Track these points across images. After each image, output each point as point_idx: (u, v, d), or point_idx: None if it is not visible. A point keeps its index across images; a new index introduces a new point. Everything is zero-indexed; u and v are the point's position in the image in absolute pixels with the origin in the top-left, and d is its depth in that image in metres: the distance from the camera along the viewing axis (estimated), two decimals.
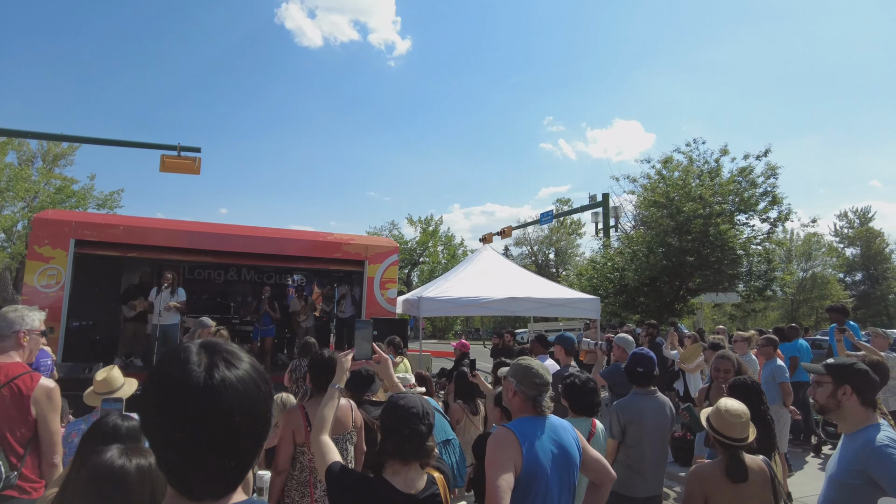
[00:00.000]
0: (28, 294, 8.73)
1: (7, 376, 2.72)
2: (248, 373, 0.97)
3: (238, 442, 0.93)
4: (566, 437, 2.67)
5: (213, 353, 0.96)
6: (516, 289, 10.28)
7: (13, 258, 31.40)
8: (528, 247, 46.05)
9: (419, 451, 2.17)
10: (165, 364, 0.96)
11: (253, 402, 0.94)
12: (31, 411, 2.72)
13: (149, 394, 0.94)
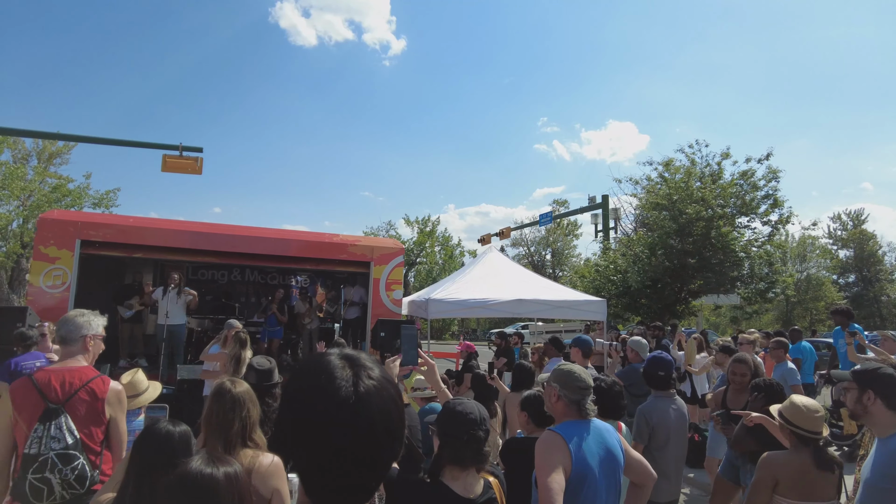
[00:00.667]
0: (34, 294, 8.66)
1: (82, 380, 2.79)
2: (387, 387, 0.96)
3: (380, 455, 0.93)
4: (611, 439, 2.74)
5: (355, 365, 0.95)
6: (523, 291, 10.31)
7: (8, 257, 31.12)
8: (525, 248, 46.17)
9: (477, 457, 2.19)
10: (310, 376, 0.94)
11: (392, 416, 0.94)
12: (105, 413, 2.81)
13: (294, 407, 0.93)
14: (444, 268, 36.70)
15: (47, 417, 2.65)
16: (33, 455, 2.60)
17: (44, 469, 2.58)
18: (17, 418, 2.66)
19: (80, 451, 2.68)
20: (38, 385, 2.70)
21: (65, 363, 2.88)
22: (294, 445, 0.92)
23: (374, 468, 0.93)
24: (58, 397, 2.70)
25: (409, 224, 40.10)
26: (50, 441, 2.62)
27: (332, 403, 0.89)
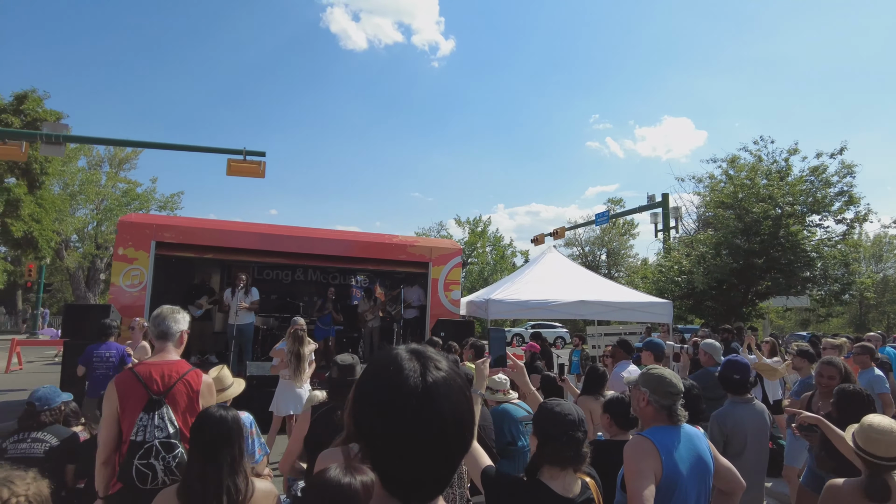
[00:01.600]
0: (114, 293, 9.16)
1: (179, 373, 2.93)
2: (455, 379, 0.98)
3: (450, 447, 0.94)
4: (701, 445, 2.68)
5: (422, 357, 0.98)
6: (585, 292, 10.14)
7: (84, 258, 32.97)
8: (579, 248, 45.26)
9: (576, 458, 2.20)
10: (379, 370, 0.98)
11: (462, 408, 0.96)
12: (199, 404, 2.94)
13: (366, 400, 0.97)
14: (495, 268, 36.47)
15: (151, 408, 2.81)
16: (139, 442, 2.76)
17: (149, 455, 2.73)
18: (122, 408, 2.83)
19: (179, 441, 2.83)
20: (140, 378, 2.86)
21: (161, 357, 3.02)
22: (366, 437, 0.96)
23: (445, 458, 0.95)
24: (159, 389, 2.86)
25: (460, 224, 40.13)
26: (154, 430, 2.78)
27: (400, 394, 0.92)
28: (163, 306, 3.18)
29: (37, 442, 3.39)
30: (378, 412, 0.93)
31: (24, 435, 3.41)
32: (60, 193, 27.99)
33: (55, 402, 3.54)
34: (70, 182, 30.07)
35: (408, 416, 0.91)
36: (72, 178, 30.20)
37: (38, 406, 3.47)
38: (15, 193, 21.58)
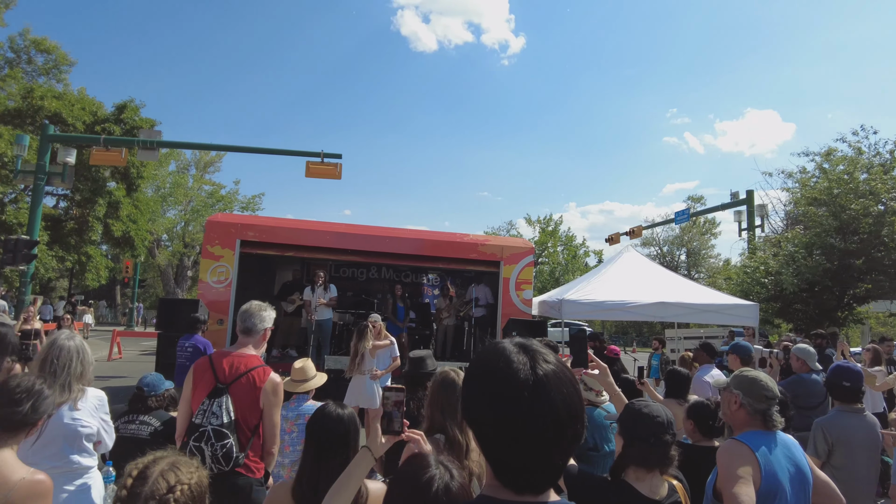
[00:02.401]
0: (202, 289, 9.70)
1: (247, 367, 3.01)
2: (564, 371, 0.99)
3: (563, 438, 0.95)
4: (798, 454, 2.52)
5: (530, 350, 1.00)
6: (665, 293, 9.75)
7: (174, 255, 35.20)
8: (657, 247, 43.66)
9: (663, 460, 2.11)
10: (489, 363, 1.01)
11: (573, 399, 0.97)
12: (260, 401, 3.00)
13: (478, 391, 1.00)
14: (567, 268, 35.80)
15: (214, 395, 2.93)
16: (196, 424, 2.89)
17: (201, 439, 2.84)
18: (194, 390, 3.00)
19: (231, 432, 2.89)
20: (213, 364, 3.01)
21: (238, 349, 3.14)
22: (479, 429, 0.99)
23: (558, 449, 0.96)
24: (225, 378, 2.97)
25: (530, 224, 39.65)
26: (210, 416, 2.88)
27: (511, 387, 0.95)
28: (251, 302, 3.28)
29: (143, 424, 3.64)
30: (491, 405, 0.96)
31: (133, 416, 3.68)
32: (153, 196, 30.04)
33: (160, 388, 3.79)
34: (162, 185, 32.21)
35: (521, 408, 0.93)
36: (163, 182, 32.35)
37: (147, 391, 3.73)
38: (115, 196, 23.30)
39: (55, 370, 2.68)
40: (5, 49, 25.33)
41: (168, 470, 1.39)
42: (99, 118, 22.96)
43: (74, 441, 2.69)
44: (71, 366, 2.72)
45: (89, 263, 24.35)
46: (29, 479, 1.87)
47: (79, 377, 2.76)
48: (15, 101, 22.55)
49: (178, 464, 1.42)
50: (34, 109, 21.47)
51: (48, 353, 2.76)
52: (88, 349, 2.90)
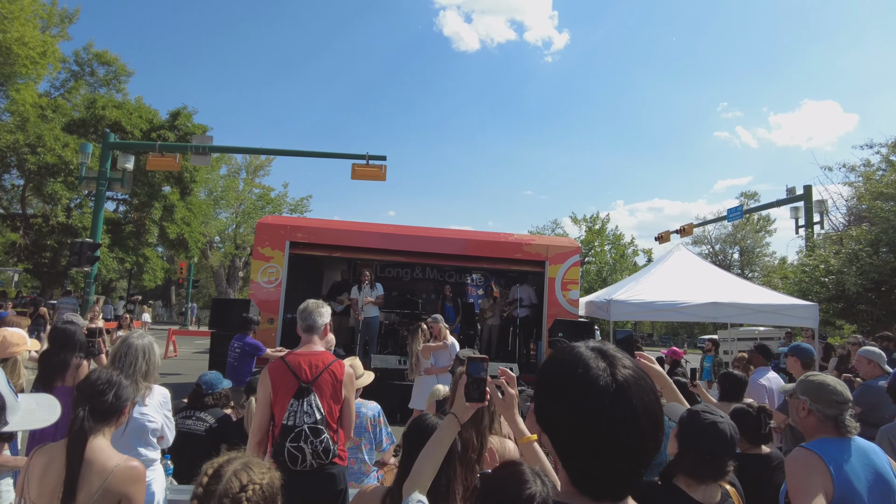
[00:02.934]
0: (253, 289, 9.97)
1: (325, 363, 3.12)
2: (643, 377, 0.97)
3: (644, 444, 0.93)
4: (879, 462, 2.36)
5: (607, 356, 0.98)
6: (718, 293, 9.42)
7: (226, 256, 36.33)
8: (709, 245, 42.30)
9: (718, 474, 2.04)
10: (566, 369, 0.98)
11: (654, 406, 0.95)
12: (341, 394, 3.13)
13: (555, 399, 0.98)
14: (614, 268, 35.09)
15: (300, 395, 3.02)
16: (290, 426, 2.97)
17: (298, 439, 2.94)
18: (274, 394, 3.06)
19: (325, 427, 3.01)
20: (290, 366, 3.08)
21: (308, 348, 3.22)
22: (556, 436, 0.98)
23: (639, 456, 0.94)
24: (307, 377, 3.06)
25: (576, 222, 39.03)
26: (303, 415, 2.98)
27: (591, 393, 0.93)
28: (308, 301, 3.36)
29: (200, 420, 3.76)
30: (569, 413, 0.95)
31: (191, 413, 3.81)
32: (206, 199, 31.05)
33: (218, 387, 3.92)
34: (214, 188, 33.30)
35: (602, 415, 0.91)
36: (215, 185, 33.45)
37: (205, 389, 3.86)
38: (170, 200, 24.22)
39: (123, 366, 2.84)
40: (71, 62, 26.75)
41: (241, 469, 1.43)
42: (155, 125, 23.93)
43: (142, 435, 2.84)
44: (137, 363, 2.88)
45: (146, 265, 25.39)
46: (124, 466, 1.99)
47: (144, 374, 2.91)
48: (80, 111, 23.73)
49: (251, 464, 1.46)
50: (96, 119, 22.54)
51: (118, 351, 2.93)
52: (156, 348, 3.05)
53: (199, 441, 3.69)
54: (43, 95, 24.91)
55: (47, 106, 23.42)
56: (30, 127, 21.00)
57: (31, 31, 22.39)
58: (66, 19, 25.59)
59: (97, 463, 1.96)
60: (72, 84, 26.78)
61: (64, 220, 21.78)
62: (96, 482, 1.92)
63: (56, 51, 24.67)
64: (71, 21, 25.79)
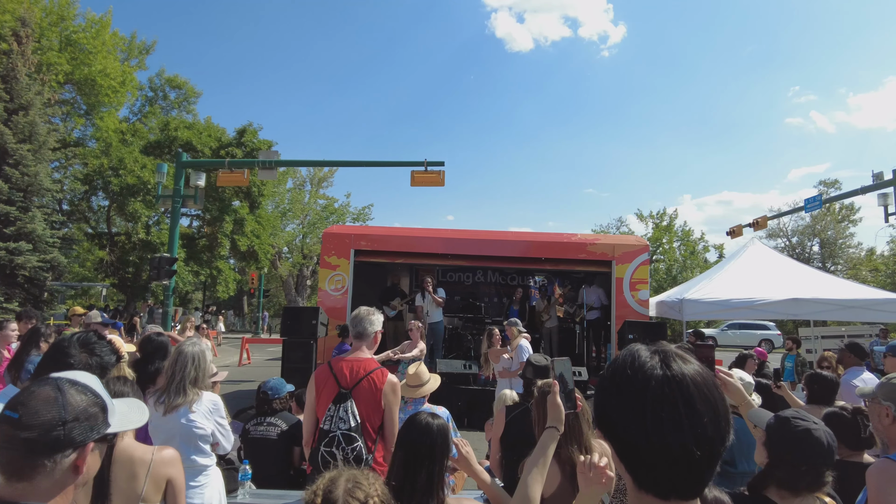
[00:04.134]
0: (321, 297, 10.25)
1: (366, 370, 3.11)
2: (702, 371, 0.93)
3: (708, 441, 0.89)
4: None
5: (662, 352, 0.96)
6: (798, 288, 8.88)
7: (294, 266, 37.51)
8: (785, 238, 39.94)
9: (813, 485, 1.90)
10: (621, 368, 0.97)
11: (717, 402, 0.91)
12: (381, 403, 3.08)
13: (613, 398, 0.96)
14: (685, 265, 33.73)
15: (339, 400, 3.04)
16: (326, 430, 2.99)
17: (332, 444, 2.95)
18: (317, 398, 3.12)
19: (359, 435, 2.98)
20: (333, 371, 3.12)
21: (355, 354, 3.24)
22: (615, 437, 0.95)
23: (704, 454, 0.89)
24: (347, 383, 3.07)
25: (642, 219, 37.76)
26: (338, 421, 2.99)
27: (647, 390, 0.90)
28: (360, 308, 3.38)
29: (271, 426, 3.86)
30: (626, 411, 0.93)
31: (262, 419, 3.92)
32: (273, 212, 32.21)
33: (283, 391, 4.02)
34: (280, 201, 34.50)
35: (662, 414, 0.89)
36: (282, 198, 34.64)
37: (271, 395, 3.96)
38: (240, 214, 25.28)
39: (173, 373, 2.93)
40: (146, 89, 28.57)
41: (353, 487, 1.41)
42: (223, 143, 25.07)
43: (190, 441, 2.87)
44: (185, 370, 2.93)
45: (220, 276, 26.58)
46: (160, 452, 2.21)
47: (193, 381, 2.95)
48: (155, 134, 25.22)
49: (356, 477, 1.44)
50: (170, 140, 23.87)
51: (171, 357, 3.03)
52: (207, 356, 3.08)
53: (273, 446, 3.79)
54: (123, 121, 26.69)
55: (127, 131, 25.06)
56: (112, 151, 22.53)
57: (113, 63, 24.13)
58: (144, 51, 27.37)
59: (136, 456, 2.16)
60: (147, 109, 28.56)
61: (144, 236, 23.17)
62: (141, 472, 2.13)
63: (134, 79, 26.49)
64: (148, 52, 27.60)
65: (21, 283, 15.50)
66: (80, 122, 25.36)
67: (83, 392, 1.26)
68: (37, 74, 18.13)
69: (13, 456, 1.16)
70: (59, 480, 1.19)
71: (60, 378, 1.27)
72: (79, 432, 1.20)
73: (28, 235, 15.51)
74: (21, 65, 16.57)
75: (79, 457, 1.21)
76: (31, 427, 1.15)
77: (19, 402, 1.19)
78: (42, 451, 1.16)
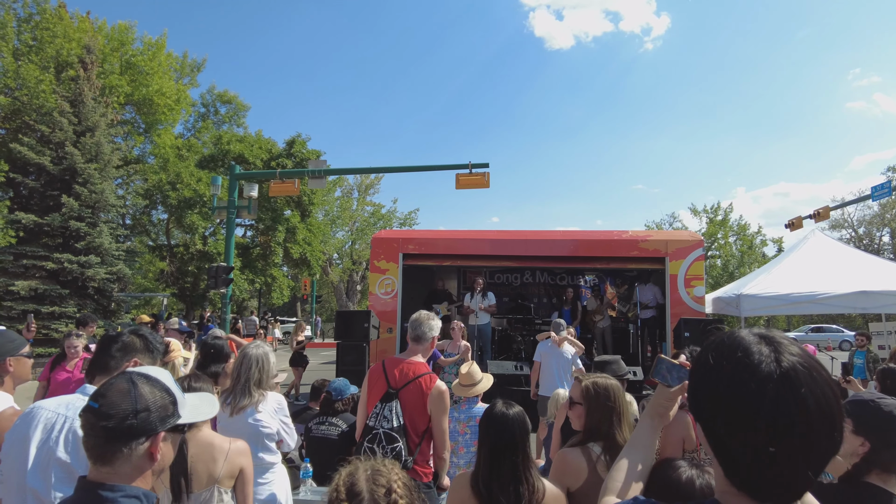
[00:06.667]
0: (372, 301, 10.42)
1: (415, 373, 3.17)
2: (816, 367, 0.87)
3: (814, 441, 0.83)
4: None
5: (772, 342, 0.90)
6: (867, 280, 8.43)
7: (344, 272, 38.25)
8: (850, 230, 37.99)
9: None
10: (725, 354, 0.92)
11: (829, 400, 0.84)
12: (427, 407, 3.11)
13: (712, 387, 0.92)
14: (742, 260, 32.53)
15: (386, 399, 3.10)
16: (370, 427, 3.08)
17: (374, 441, 3.01)
18: (369, 395, 3.21)
19: (401, 435, 3.01)
20: (385, 371, 3.20)
21: (409, 357, 3.29)
22: (711, 426, 0.91)
23: (809, 454, 0.84)
24: (396, 383, 3.13)
25: (696, 214, 36.66)
26: (382, 420, 3.05)
27: (752, 379, 0.85)
28: (420, 312, 3.44)
29: (332, 426, 3.98)
30: (727, 399, 0.88)
31: (324, 419, 4.04)
32: (324, 219, 32.94)
33: (346, 393, 4.13)
34: (330, 209, 35.28)
35: (765, 404, 0.84)
36: (331, 207, 35.41)
37: (335, 395, 4.08)
38: (292, 223, 25.97)
39: (238, 375, 3.09)
40: (198, 105, 29.79)
41: (374, 475, 1.42)
42: (273, 154, 25.82)
43: (257, 439, 2.99)
44: (250, 371, 3.07)
45: (274, 284, 27.35)
46: (235, 443, 2.50)
47: (258, 382, 3.09)
48: (209, 148, 26.24)
49: (375, 466, 1.46)
50: (223, 153, 24.77)
51: (237, 360, 3.19)
52: (271, 358, 3.22)
53: (333, 445, 3.89)
54: (178, 137, 27.92)
55: (182, 146, 26.19)
56: (170, 167, 23.59)
57: (168, 83, 25.29)
58: (196, 69, 28.56)
59: (216, 444, 2.44)
60: (200, 124, 29.77)
61: (201, 247, 24.12)
62: (220, 458, 2.40)
63: (187, 97, 27.67)
64: (199, 70, 28.77)
65: (91, 294, 16.38)
66: (140, 140, 26.66)
67: (154, 385, 1.38)
68: (101, 97, 19.14)
69: (96, 442, 1.29)
70: (137, 465, 1.32)
71: (134, 372, 1.40)
72: (150, 422, 1.32)
73: (96, 249, 16.38)
74: (87, 89, 17.56)
75: (152, 444, 1.33)
76: (108, 416, 1.28)
77: (100, 394, 1.33)
78: (119, 438, 1.28)
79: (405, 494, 1.40)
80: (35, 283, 15.03)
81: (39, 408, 1.91)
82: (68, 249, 15.86)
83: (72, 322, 14.79)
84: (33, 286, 14.92)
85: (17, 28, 21.36)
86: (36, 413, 1.90)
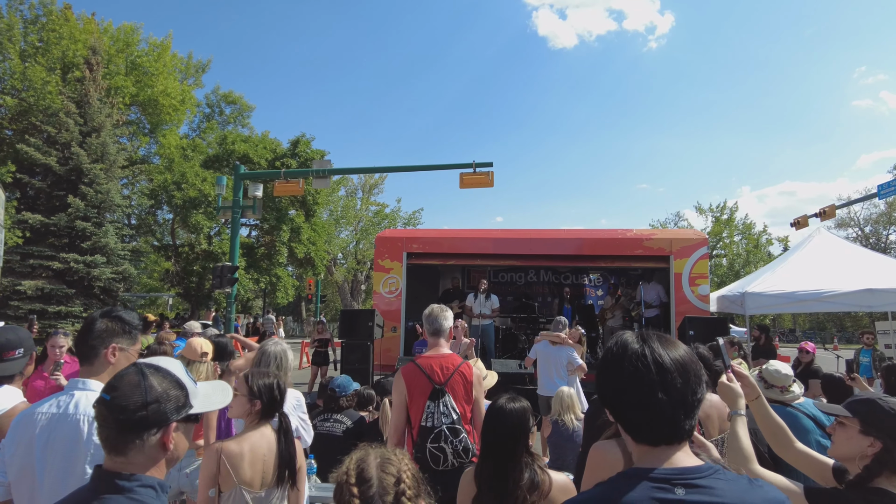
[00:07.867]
0: (376, 300, 10.45)
1: (454, 365, 3.23)
2: (675, 343, 1.23)
3: (674, 389, 1.15)
4: None
5: (645, 335, 1.24)
6: (873, 278, 8.38)
7: (349, 272, 38.33)
8: (857, 228, 37.79)
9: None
10: (611, 349, 1.26)
11: (682, 356, 1.19)
12: (472, 394, 3.22)
13: (601, 371, 1.27)
14: (747, 259, 32.44)
15: (435, 396, 3.12)
16: (429, 427, 3.07)
17: (439, 440, 3.03)
18: (409, 396, 3.19)
19: (461, 426, 3.09)
20: (423, 369, 3.20)
21: (437, 351, 3.34)
22: (608, 399, 1.24)
23: (674, 399, 1.14)
24: (440, 379, 3.16)
25: (701, 213, 36.66)
26: (440, 416, 3.08)
27: (624, 353, 1.21)
28: (432, 306, 3.47)
29: (337, 422, 4.00)
30: (609, 373, 1.23)
31: (328, 415, 4.07)
32: (328, 219, 33.00)
33: (349, 389, 4.16)
34: (334, 209, 35.34)
35: (630, 368, 1.17)
36: (335, 206, 35.46)
37: (338, 392, 4.11)
38: (296, 222, 26.02)
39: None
40: (203, 106, 29.88)
41: (384, 463, 1.42)
42: (278, 154, 25.86)
43: None
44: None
45: (278, 283, 27.38)
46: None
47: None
48: (213, 148, 26.31)
49: (385, 454, 1.46)
50: (228, 153, 24.83)
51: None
52: (289, 355, 3.27)
53: (338, 441, 3.91)
54: (183, 137, 27.99)
55: (187, 146, 26.26)
56: (175, 167, 23.66)
57: (173, 83, 25.37)
58: (200, 70, 28.65)
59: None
60: (205, 125, 29.86)
61: (206, 247, 24.17)
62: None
63: (192, 97, 27.75)
64: (204, 71, 28.84)
65: (97, 294, 16.46)
66: (145, 140, 26.75)
67: (164, 377, 1.40)
68: (106, 98, 19.23)
69: (109, 433, 1.31)
70: (150, 455, 1.34)
71: (144, 364, 1.41)
72: (161, 413, 1.34)
73: (102, 249, 16.47)
74: (93, 90, 17.65)
75: (164, 435, 1.35)
76: (119, 409, 1.30)
77: (112, 386, 1.35)
78: (131, 429, 1.30)
79: (413, 485, 1.41)
80: (41, 282, 15.13)
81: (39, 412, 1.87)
82: (74, 249, 15.95)
83: (78, 322, 14.88)
84: (40, 286, 15.01)
85: (23, 30, 21.47)
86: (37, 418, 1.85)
